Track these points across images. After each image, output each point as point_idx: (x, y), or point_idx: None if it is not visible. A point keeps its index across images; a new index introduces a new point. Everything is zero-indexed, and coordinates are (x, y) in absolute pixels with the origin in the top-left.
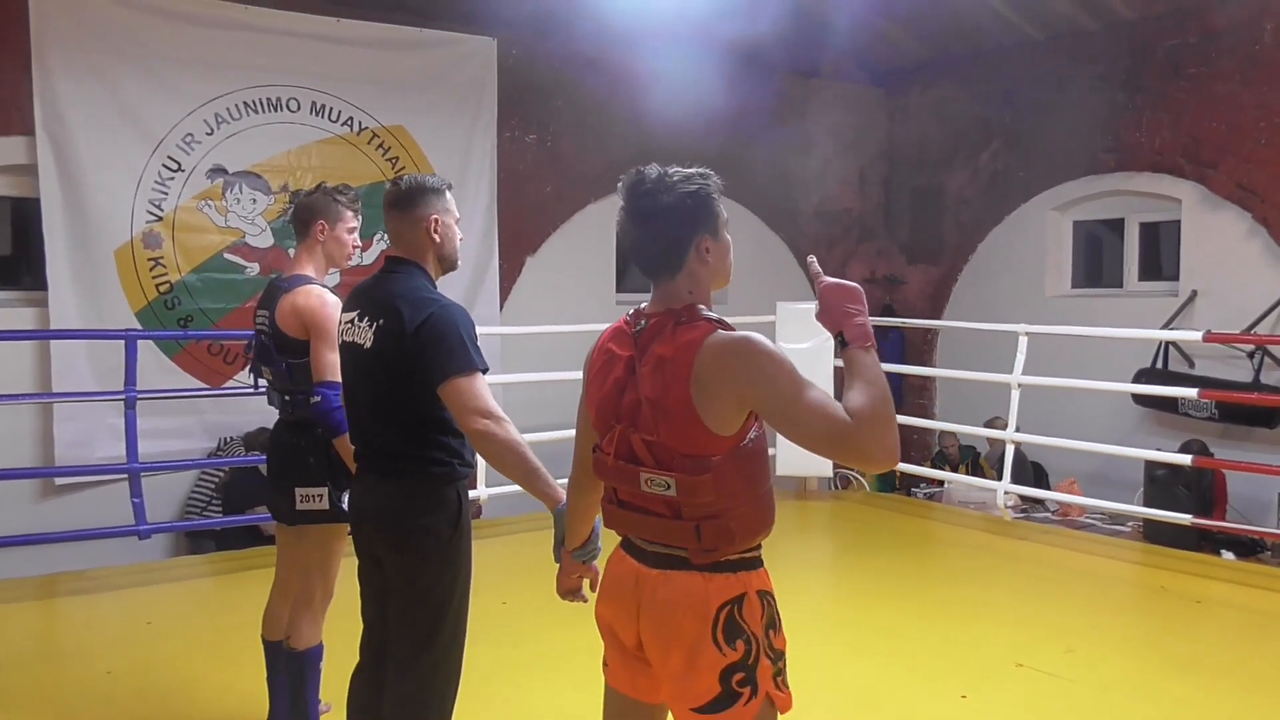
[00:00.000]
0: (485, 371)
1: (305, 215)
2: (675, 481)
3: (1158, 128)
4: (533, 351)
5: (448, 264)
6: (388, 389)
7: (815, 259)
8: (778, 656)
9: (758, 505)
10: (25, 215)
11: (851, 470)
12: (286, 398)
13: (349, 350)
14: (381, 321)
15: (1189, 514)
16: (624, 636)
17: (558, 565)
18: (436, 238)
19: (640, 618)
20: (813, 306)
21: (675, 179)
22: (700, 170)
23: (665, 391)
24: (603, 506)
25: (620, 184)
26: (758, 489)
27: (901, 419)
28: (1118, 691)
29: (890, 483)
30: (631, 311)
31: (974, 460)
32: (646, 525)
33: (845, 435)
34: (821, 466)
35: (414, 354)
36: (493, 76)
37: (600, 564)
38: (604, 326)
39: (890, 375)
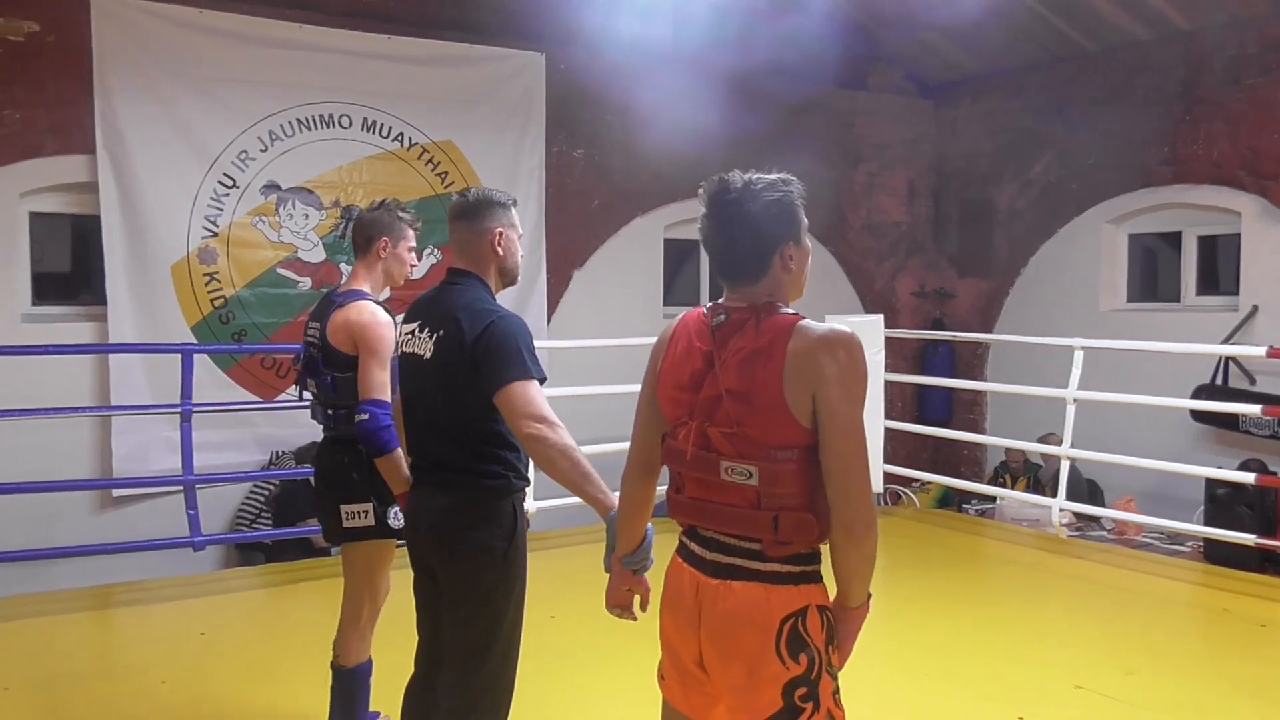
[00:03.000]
0: (543, 381)
1: (368, 231)
2: (758, 470)
3: (1216, 139)
4: (580, 365)
5: (509, 277)
6: (446, 400)
7: None
8: (836, 674)
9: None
10: (86, 232)
11: (903, 487)
12: (330, 412)
13: (409, 361)
14: (442, 333)
15: (1252, 534)
16: (683, 651)
17: (608, 575)
18: (500, 250)
19: (701, 628)
20: (862, 319)
21: (760, 186)
22: (783, 176)
23: (753, 382)
24: (668, 495)
25: (702, 190)
26: None
27: (952, 434)
28: (1181, 716)
29: (950, 499)
30: (710, 305)
31: (1036, 475)
32: (719, 516)
33: (861, 495)
34: (873, 481)
35: (472, 364)
36: (541, 91)
37: (652, 577)
38: (651, 340)
39: (941, 389)
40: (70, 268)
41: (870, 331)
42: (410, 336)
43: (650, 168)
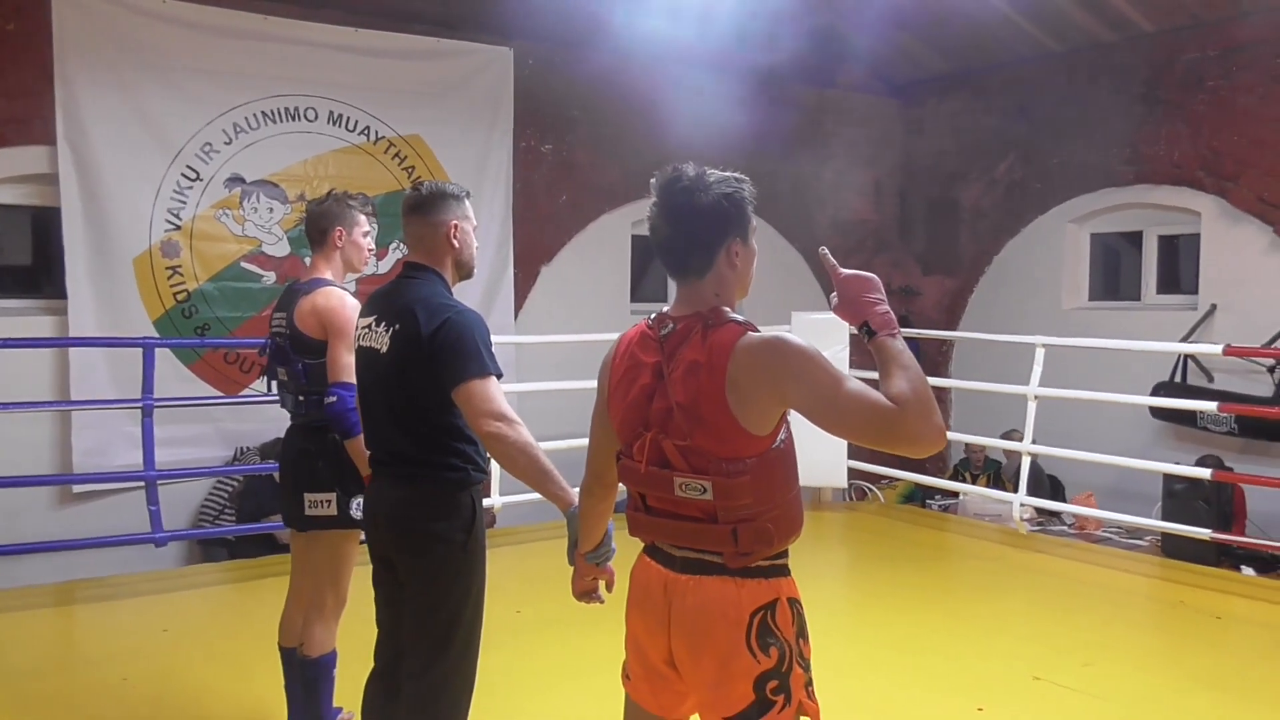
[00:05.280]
0: (500, 377)
1: (322, 223)
2: (712, 485)
3: (1177, 140)
4: (547, 360)
5: (464, 270)
6: (403, 394)
7: (828, 250)
8: (807, 665)
9: (790, 507)
10: (46, 224)
11: (869, 483)
12: (300, 398)
13: (365, 355)
14: (398, 326)
15: (1208, 529)
16: (651, 650)
17: (572, 568)
18: (455, 243)
19: (671, 625)
20: (827, 317)
21: (712, 179)
22: (736, 174)
23: (699, 396)
24: (628, 515)
25: (655, 179)
26: (789, 491)
27: None
28: (1137, 706)
29: (916, 495)
30: (654, 316)
31: (996, 472)
32: (679, 531)
33: (893, 422)
34: (837, 477)
35: (429, 359)
36: (509, 87)
37: (616, 568)
38: (619, 335)
39: None
40: (30, 260)
41: (835, 329)
42: (367, 330)
43: (618, 164)
